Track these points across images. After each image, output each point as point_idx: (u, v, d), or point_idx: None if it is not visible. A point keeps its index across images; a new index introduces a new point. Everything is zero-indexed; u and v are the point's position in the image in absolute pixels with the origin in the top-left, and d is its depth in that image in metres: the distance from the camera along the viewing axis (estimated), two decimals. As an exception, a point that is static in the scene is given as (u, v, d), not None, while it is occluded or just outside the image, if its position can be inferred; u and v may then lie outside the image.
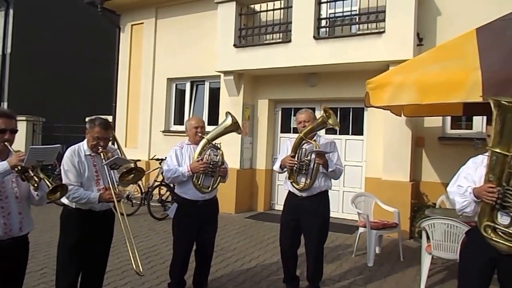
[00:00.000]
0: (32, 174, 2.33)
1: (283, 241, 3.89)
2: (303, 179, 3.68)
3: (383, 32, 6.16)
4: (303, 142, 3.66)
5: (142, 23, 9.46)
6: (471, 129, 6.28)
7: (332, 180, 3.85)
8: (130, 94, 9.66)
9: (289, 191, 3.85)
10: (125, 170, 3.04)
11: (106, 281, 3.60)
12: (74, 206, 2.96)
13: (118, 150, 3.38)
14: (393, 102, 4.00)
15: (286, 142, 3.97)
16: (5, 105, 11.56)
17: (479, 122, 6.14)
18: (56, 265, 3.07)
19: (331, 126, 3.59)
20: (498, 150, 2.34)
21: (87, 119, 9.59)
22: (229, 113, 3.85)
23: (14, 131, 2.48)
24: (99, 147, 2.96)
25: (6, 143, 2.41)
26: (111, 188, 2.91)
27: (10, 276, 2.49)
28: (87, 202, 2.91)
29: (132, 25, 9.65)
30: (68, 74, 12.37)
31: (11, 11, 11.63)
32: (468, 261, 2.65)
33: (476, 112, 5.30)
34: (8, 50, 11.68)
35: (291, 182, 3.74)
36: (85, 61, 12.69)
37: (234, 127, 3.80)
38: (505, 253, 2.39)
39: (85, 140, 3.06)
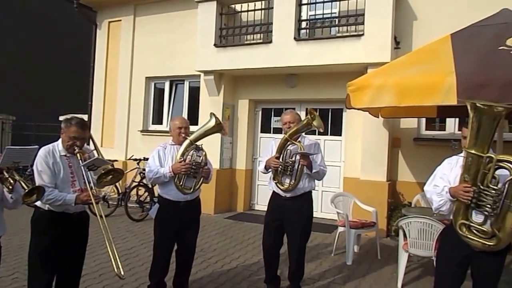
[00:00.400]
0: (7, 176, 2.26)
1: (266, 240, 3.91)
2: (287, 180, 3.71)
3: (362, 35, 6.28)
4: (288, 143, 3.69)
5: (120, 20, 9.28)
6: (445, 130, 6.50)
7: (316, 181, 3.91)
8: (107, 92, 9.46)
9: (273, 192, 3.87)
10: (103, 171, 2.92)
11: (82, 284, 3.52)
12: (46, 208, 2.82)
13: (95, 151, 3.28)
14: (373, 104, 4.09)
15: (271, 143, 3.99)
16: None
17: (452, 124, 6.36)
18: (28, 270, 2.92)
19: (315, 128, 3.63)
20: (473, 151, 2.43)
21: (62, 118, 9.33)
22: (213, 114, 3.82)
23: None
24: (75, 148, 2.83)
25: None
26: (89, 189, 2.79)
27: None
28: (62, 204, 2.78)
29: (109, 22, 9.46)
30: (41, 72, 12.01)
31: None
32: (444, 258, 2.77)
33: (450, 114, 5.48)
34: (-23, 46, 11.26)
35: (275, 183, 3.77)
36: (59, 58, 12.34)
37: (218, 128, 3.78)
38: (479, 249, 2.50)
39: (60, 140, 2.93)
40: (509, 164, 2.36)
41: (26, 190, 2.26)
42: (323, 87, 7.14)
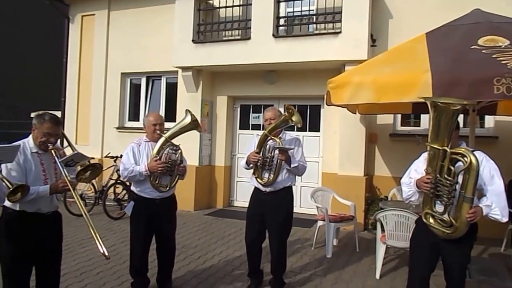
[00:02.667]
0: None
1: (248, 234, 3.96)
2: (266, 175, 3.78)
3: (339, 32, 6.40)
4: (268, 138, 3.76)
5: (94, 14, 9.03)
6: (419, 126, 6.73)
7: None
8: (81, 88, 9.20)
9: (255, 187, 3.92)
10: (80, 167, 2.84)
11: (63, 283, 3.48)
12: (17, 208, 2.67)
13: (68, 147, 3.18)
14: (352, 101, 4.19)
15: (254, 139, 4.03)
16: None
17: (426, 120, 6.58)
18: (1, 273, 2.78)
19: (294, 124, 3.69)
20: (434, 145, 2.61)
21: (33, 114, 9.03)
22: (189, 111, 3.83)
23: None
24: (49, 144, 2.74)
25: None
26: (65, 177, 2.68)
27: None
28: (36, 198, 2.64)
29: (82, 16, 9.19)
30: (10, 68, 11.54)
31: None
32: (416, 247, 2.94)
33: (424, 110, 5.62)
34: None
35: (255, 178, 3.84)
36: (29, 53, 11.90)
37: (193, 125, 3.78)
38: (442, 238, 2.67)
39: (30, 137, 2.80)
40: (460, 157, 2.53)
41: (11, 189, 2.20)
42: (301, 83, 7.24)
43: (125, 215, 6.69)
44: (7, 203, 2.61)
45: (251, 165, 3.85)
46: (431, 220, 2.71)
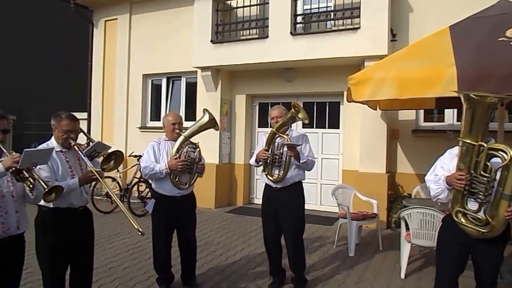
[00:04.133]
0: (27, 175, 2.31)
1: (265, 231, 4.00)
2: (276, 171, 3.81)
3: (358, 28, 6.32)
4: (276, 136, 3.79)
5: (116, 18, 9.25)
6: (443, 121, 6.58)
7: (310, 172, 4.01)
8: (105, 90, 9.44)
9: (266, 184, 3.96)
10: (103, 157, 2.91)
11: (93, 278, 3.57)
12: (51, 206, 2.79)
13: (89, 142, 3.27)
14: (374, 97, 4.15)
15: (262, 138, 4.08)
16: (-30, 104, 11.05)
17: (450, 115, 6.45)
18: (40, 268, 2.95)
19: (300, 120, 3.73)
20: (467, 141, 2.50)
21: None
22: (207, 110, 3.88)
23: (7, 131, 2.43)
24: (71, 140, 2.84)
25: None
26: (91, 168, 2.78)
27: (9, 274, 2.47)
28: (67, 191, 2.74)
29: (105, 21, 9.42)
30: (40, 71, 11.93)
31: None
32: (444, 247, 2.82)
33: (448, 105, 5.54)
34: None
35: (265, 175, 3.88)
36: (57, 57, 12.27)
37: (211, 124, 3.83)
38: (474, 237, 2.56)
39: (52, 138, 2.93)
40: (499, 153, 2.42)
41: (46, 190, 2.30)
42: (320, 80, 7.19)
43: (149, 213, 6.83)
44: (42, 202, 2.71)
45: (260, 163, 3.89)
46: (463, 219, 2.59)
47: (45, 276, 2.93)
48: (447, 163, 2.81)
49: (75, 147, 2.84)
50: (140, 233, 2.63)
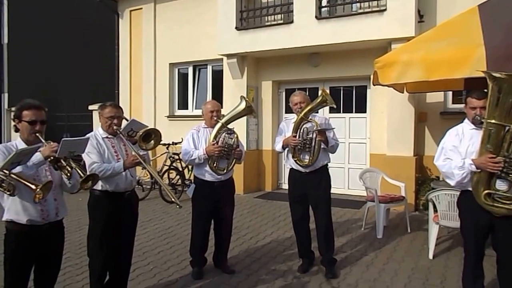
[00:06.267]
0: (65, 164, 2.44)
1: (294, 215, 4.11)
2: (307, 156, 3.87)
3: (385, 10, 6.22)
4: (303, 122, 3.84)
5: (141, 8, 9.41)
6: (472, 102, 6.42)
7: (337, 157, 4.07)
8: (132, 80, 9.70)
9: (292, 169, 4.04)
10: (142, 134, 3.06)
11: (129, 262, 3.80)
12: (100, 188, 3.04)
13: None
14: (401, 80, 4.13)
15: (282, 124, 4.18)
16: (5, 96, 11.61)
17: (480, 96, 6.28)
18: (88, 248, 3.23)
19: (329, 105, 3.79)
20: (494, 121, 2.50)
21: (91, 107, 9.62)
22: (243, 97, 3.98)
23: (44, 122, 2.57)
24: (114, 126, 3.08)
25: (37, 134, 2.51)
26: (134, 152, 3.02)
27: (49, 258, 2.65)
28: (112, 174, 3.00)
29: (130, 11, 9.61)
30: (68, 63, 12.35)
31: (5, 2, 11.54)
32: (467, 226, 2.88)
33: (477, 86, 5.38)
34: (5, 41, 11.64)
35: (295, 160, 3.93)
36: (84, 49, 12.63)
37: (248, 111, 3.94)
38: (500, 215, 2.61)
39: (99, 126, 3.20)
40: None
41: (83, 177, 2.46)
42: (346, 64, 7.15)
43: (180, 199, 7.08)
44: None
45: (286, 148, 3.96)
46: (490, 200, 2.61)
47: (94, 258, 3.18)
48: (456, 145, 2.82)
49: (118, 131, 3.08)
50: (178, 206, 2.85)
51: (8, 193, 2.26)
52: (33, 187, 2.22)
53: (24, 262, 2.52)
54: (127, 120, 3.61)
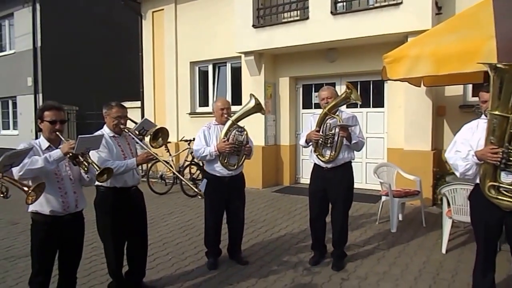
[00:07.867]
0: (82, 160, 2.65)
1: (312, 209, 4.16)
2: (328, 152, 3.90)
3: (401, 3, 6.17)
4: (327, 117, 3.86)
5: (163, 9, 9.69)
6: (493, 95, 6.27)
7: (355, 151, 4.08)
8: (156, 79, 10.02)
9: (315, 164, 4.08)
10: (151, 134, 3.24)
11: (149, 252, 4.01)
12: (108, 185, 3.17)
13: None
14: (410, 75, 4.13)
15: (310, 118, 4.18)
16: (40, 96, 12.24)
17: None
18: (102, 241, 3.42)
19: (353, 101, 3.77)
20: (497, 113, 2.48)
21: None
22: (253, 95, 4.09)
23: (64, 121, 2.79)
24: (121, 125, 3.26)
25: (57, 133, 2.72)
26: (147, 148, 3.20)
27: (71, 246, 2.88)
28: (125, 170, 3.18)
29: (153, 12, 9.91)
30: (96, 64, 12.87)
31: (38, 6, 12.10)
32: (478, 222, 2.86)
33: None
34: (39, 44, 12.22)
35: (316, 155, 3.97)
36: (111, 50, 13.14)
37: (257, 108, 4.05)
38: (509, 209, 2.56)
39: (105, 126, 3.35)
40: None
41: (98, 171, 2.66)
42: (363, 59, 7.13)
43: (201, 192, 7.32)
44: (98, 183, 3.11)
45: (310, 143, 4.01)
46: (496, 193, 2.59)
47: (108, 250, 3.38)
48: (468, 138, 2.80)
49: (125, 130, 3.26)
50: (200, 197, 3.00)
51: (2, 195, 2.26)
52: (25, 189, 2.28)
53: (48, 250, 2.75)
54: (131, 119, 3.80)
